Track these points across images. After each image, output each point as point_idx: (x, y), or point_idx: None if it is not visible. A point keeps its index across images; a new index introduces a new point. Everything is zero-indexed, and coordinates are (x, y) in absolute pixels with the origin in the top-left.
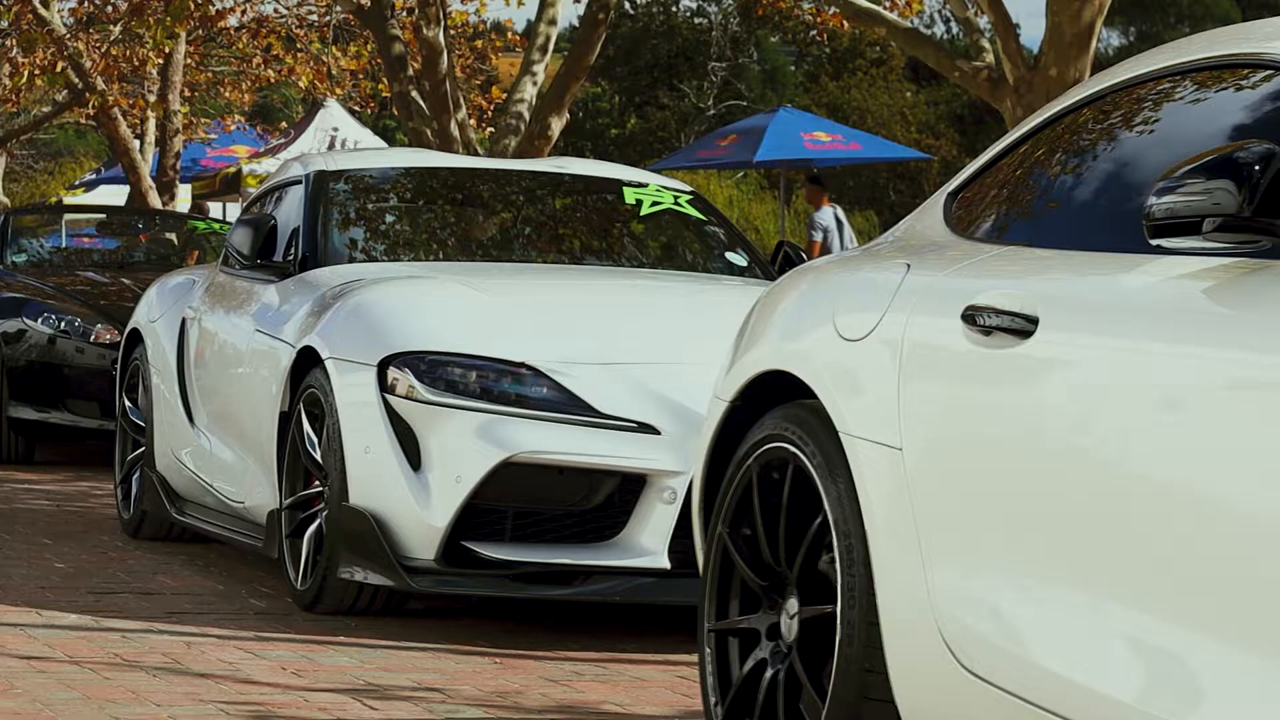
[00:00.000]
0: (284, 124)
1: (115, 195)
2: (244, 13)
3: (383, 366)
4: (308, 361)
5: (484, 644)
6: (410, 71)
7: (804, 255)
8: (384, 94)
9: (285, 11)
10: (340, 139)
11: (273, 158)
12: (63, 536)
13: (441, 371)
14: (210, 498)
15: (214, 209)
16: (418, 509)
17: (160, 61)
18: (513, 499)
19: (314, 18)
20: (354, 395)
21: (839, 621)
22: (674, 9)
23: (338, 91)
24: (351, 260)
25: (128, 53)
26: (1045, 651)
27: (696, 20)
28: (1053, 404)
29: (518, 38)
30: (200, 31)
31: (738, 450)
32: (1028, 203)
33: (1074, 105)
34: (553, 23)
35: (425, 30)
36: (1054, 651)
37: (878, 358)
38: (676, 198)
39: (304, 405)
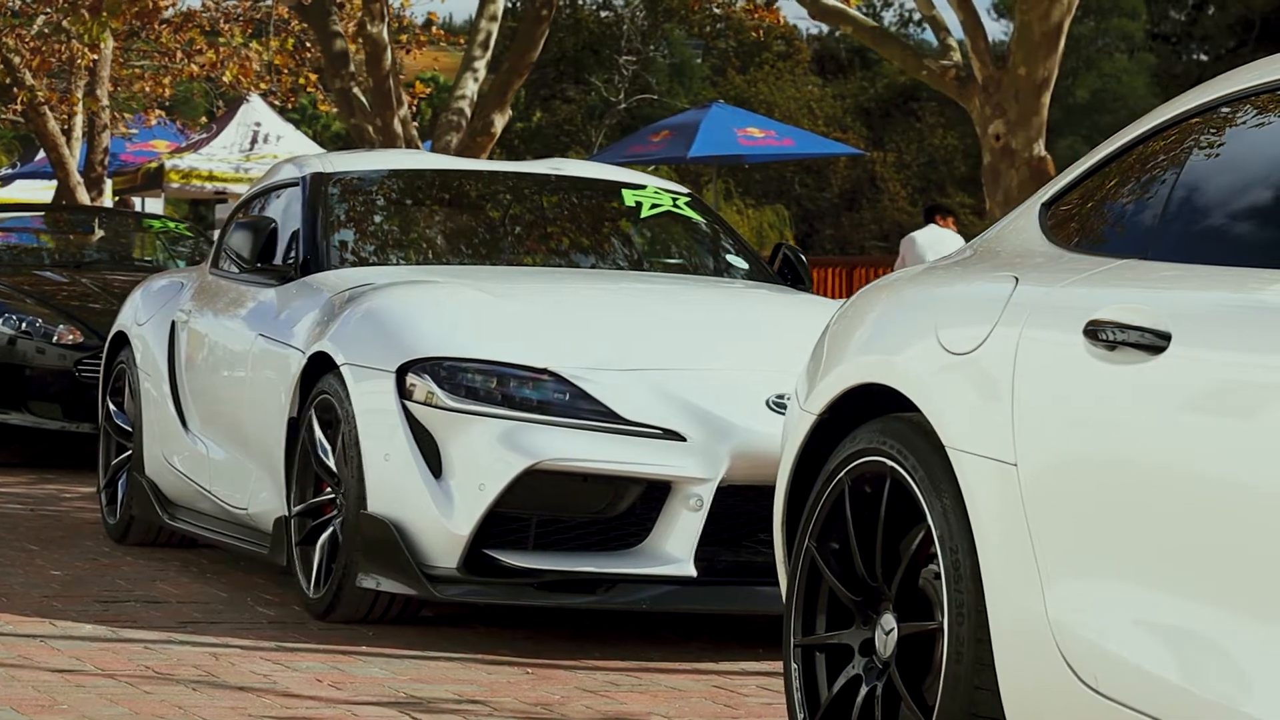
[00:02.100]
0: (204, 119)
1: (33, 191)
2: (173, 5)
3: (401, 373)
4: (319, 367)
5: (508, 653)
6: (351, 68)
7: (803, 258)
8: (308, 89)
9: (211, 5)
10: (263, 134)
11: (195, 153)
12: (49, 542)
13: (462, 378)
14: (206, 503)
15: (135, 204)
16: (440, 517)
17: (94, 58)
18: (536, 506)
19: (239, 12)
20: (372, 402)
21: (946, 638)
22: (580, 1)
23: (262, 86)
24: (354, 264)
25: (57, 47)
26: (1181, 670)
27: (603, 14)
28: (1187, 422)
29: (441, 32)
30: (127, 26)
31: (827, 464)
32: (1141, 215)
33: (1180, 116)
34: (494, 19)
35: (369, 26)
36: (1190, 670)
37: (988, 371)
38: (675, 199)
39: (316, 411)
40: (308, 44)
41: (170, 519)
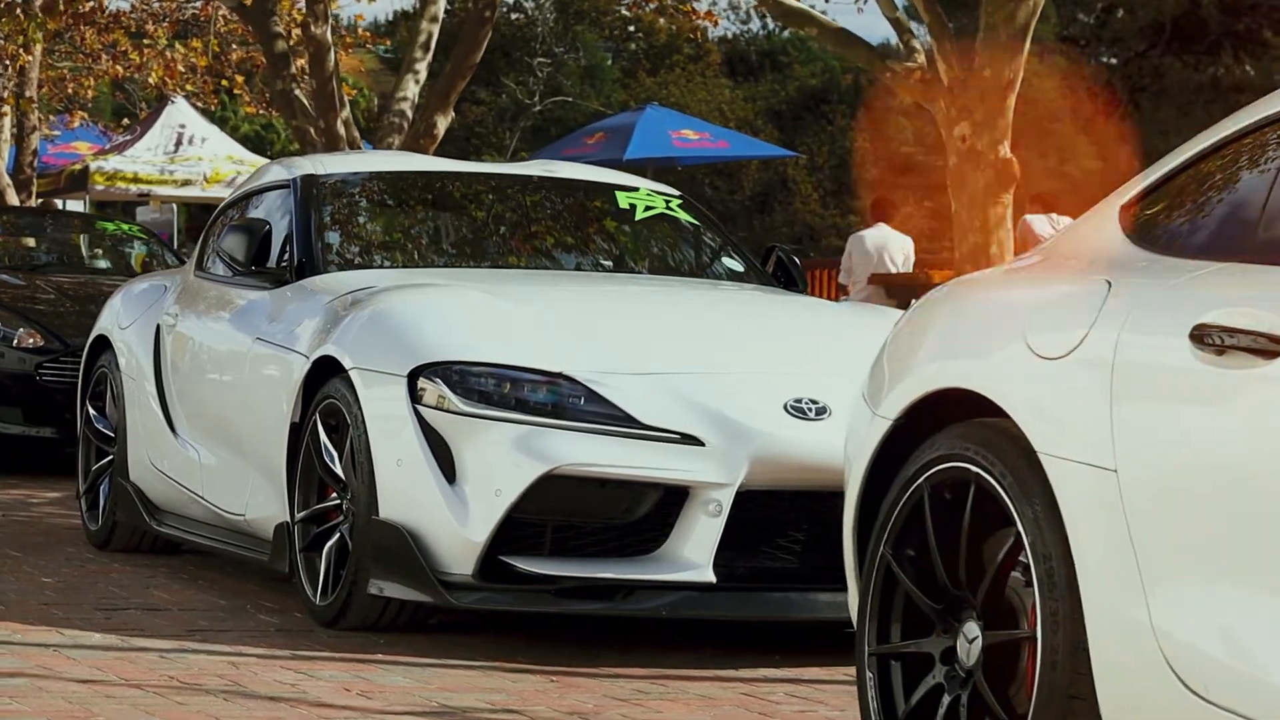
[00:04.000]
0: (127, 120)
1: None
2: (103, 8)
3: (413, 377)
4: (323, 371)
5: (525, 659)
6: (293, 69)
7: (796, 260)
8: (234, 90)
9: (139, 5)
10: (188, 135)
11: (119, 155)
12: (29, 548)
13: (474, 381)
14: (198, 509)
15: (58, 207)
16: (455, 523)
17: (30, 59)
18: (553, 512)
19: (165, 13)
20: (383, 407)
21: (1040, 647)
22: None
23: (188, 87)
24: (348, 267)
25: None
26: None
27: (513, 16)
28: None
29: (367, 34)
30: (60, 27)
31: (903, 470)
32: (1240, 217)
33: (1274, 117)
34: (435, 20)
35: (313, 27)
36: None
37: (1084, 376)
38: (668, 201)
39: (320, 416)
40: (234, 45)
41: (158, 525)
